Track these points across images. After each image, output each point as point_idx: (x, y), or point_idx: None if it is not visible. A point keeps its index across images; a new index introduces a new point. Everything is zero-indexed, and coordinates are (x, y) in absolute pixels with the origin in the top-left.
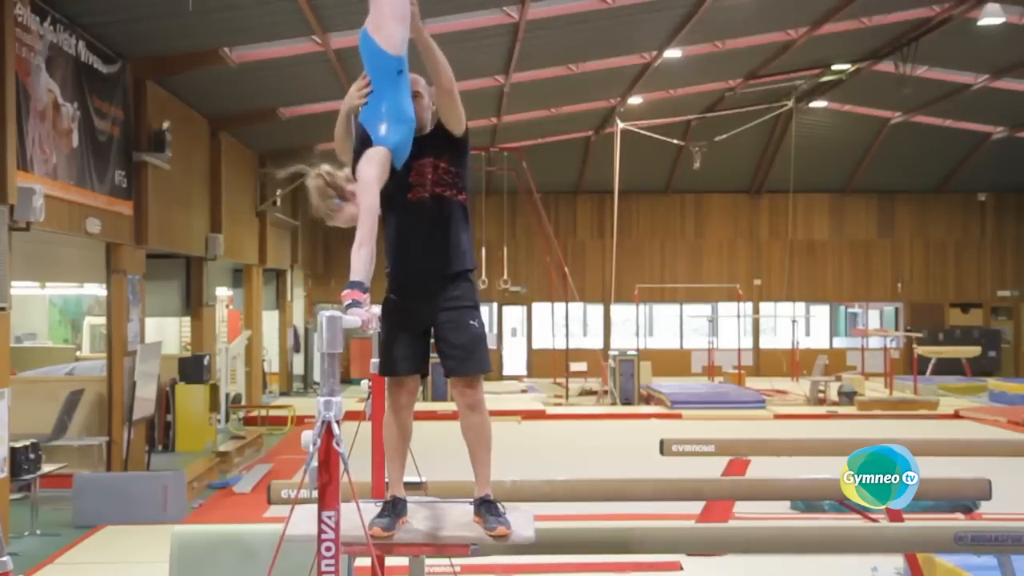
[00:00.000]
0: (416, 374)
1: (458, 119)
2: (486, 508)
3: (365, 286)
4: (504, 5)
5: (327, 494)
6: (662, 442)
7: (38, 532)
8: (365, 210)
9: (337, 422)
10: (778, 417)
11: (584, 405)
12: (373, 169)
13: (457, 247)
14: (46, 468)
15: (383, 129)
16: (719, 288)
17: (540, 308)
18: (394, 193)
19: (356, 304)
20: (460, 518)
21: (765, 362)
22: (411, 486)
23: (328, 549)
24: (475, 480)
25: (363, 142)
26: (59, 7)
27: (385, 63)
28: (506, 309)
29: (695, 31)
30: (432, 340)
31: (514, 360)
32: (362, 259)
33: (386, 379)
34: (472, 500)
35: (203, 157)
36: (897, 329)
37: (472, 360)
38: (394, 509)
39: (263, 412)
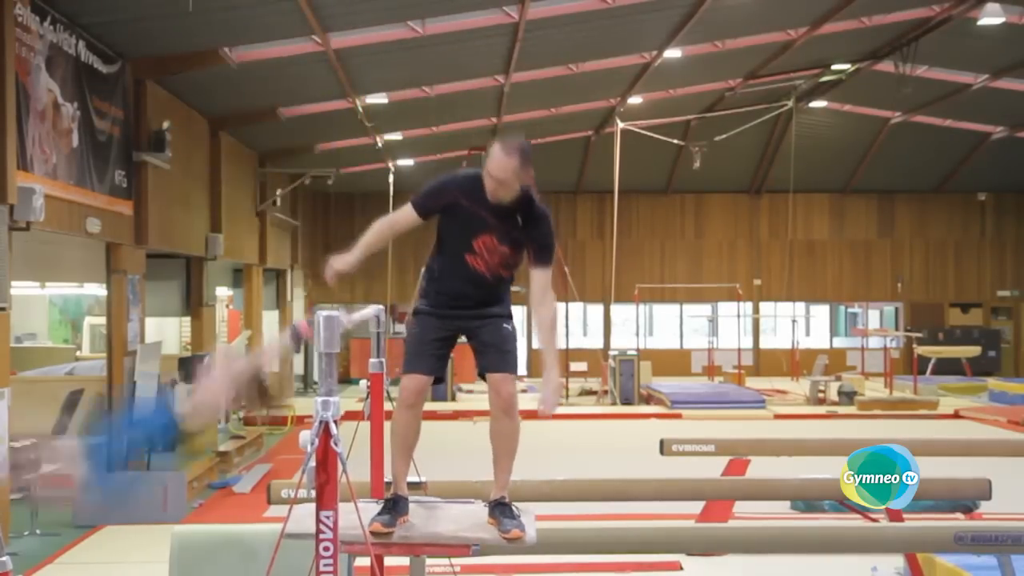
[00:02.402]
0: (433, 376)
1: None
2: (500, 510)
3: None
4: (504, 5)
5: (325, 494)
6: (662, 442)
7: (38, 532)
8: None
9: (335, 422)
10: (778, 417)
11: (584, 405)
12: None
13: (496, 308)
14: (46, 468)
15: None
16: (719, 288)
17: None
18: (453, 248)
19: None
20: (461, 518)
21: (765, 362)
22: (411, 486)
23: (326, 549)
24: (494, 481)
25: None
26: (59, 7)
27: None
28: None
29: (695, 31)
30: (462, 341)
31: None
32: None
33: (405, 377)
34: (487, 502)
35: (203, 157)
36: (897, 329)
37: (510, 356)
38: (395, 507)
39: (263, 412)
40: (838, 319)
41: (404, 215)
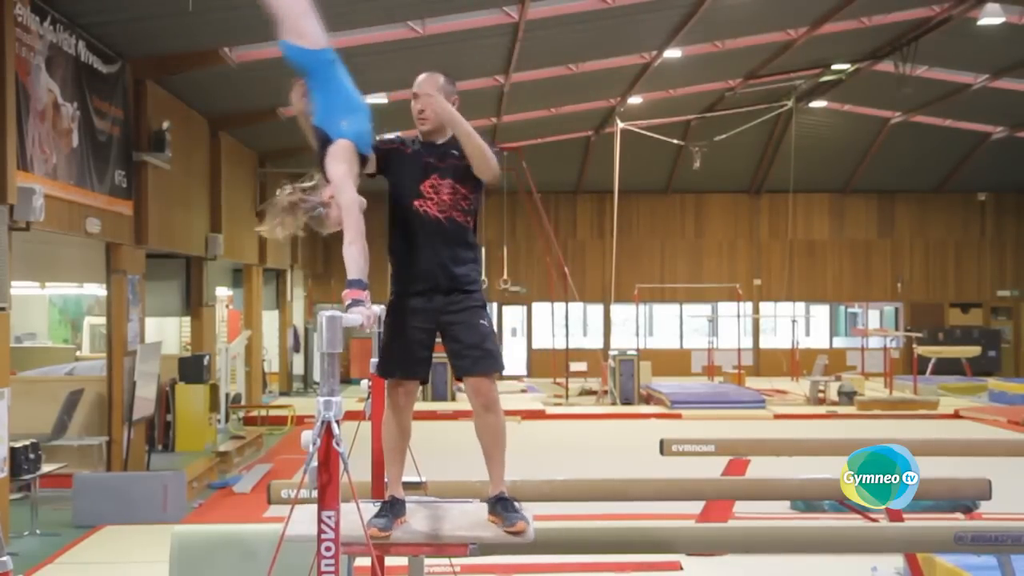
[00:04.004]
0: (416, 379)
1: (492, 176)
2: (502, 506)
3: (364, 283)
4: (504, 5)
5: (327, 494)
6: (662, 442)
7: (38, 532)
8: (346, 208)
9: (337, 422)
10: (778, 417)
11: (584, 405)
12: (341, 166)
13: (463, 269)
14: (46, 468)
15: (343, 124)
16: (719, 288)
17: (540, 308)
18: (401, 199)
19: (358, 303)
20: (459, 518)
21: (765, 362)
22: (411, 486)
23: (328, 549)
24: (489, 479)
25: (323, 143)
26: (59, 7)
27: (316, 60)
28: (506, 309)
29: (695, 31)
30: (439, 342)
31: (514, 360)
32: (355, 256)
33: (391, 383)
34: (485, 500)
35: (203, 157)
36: (897, 329)
37: (488, 359)
38: (392, 509)
39: (263, 412)
40: (838, 319)
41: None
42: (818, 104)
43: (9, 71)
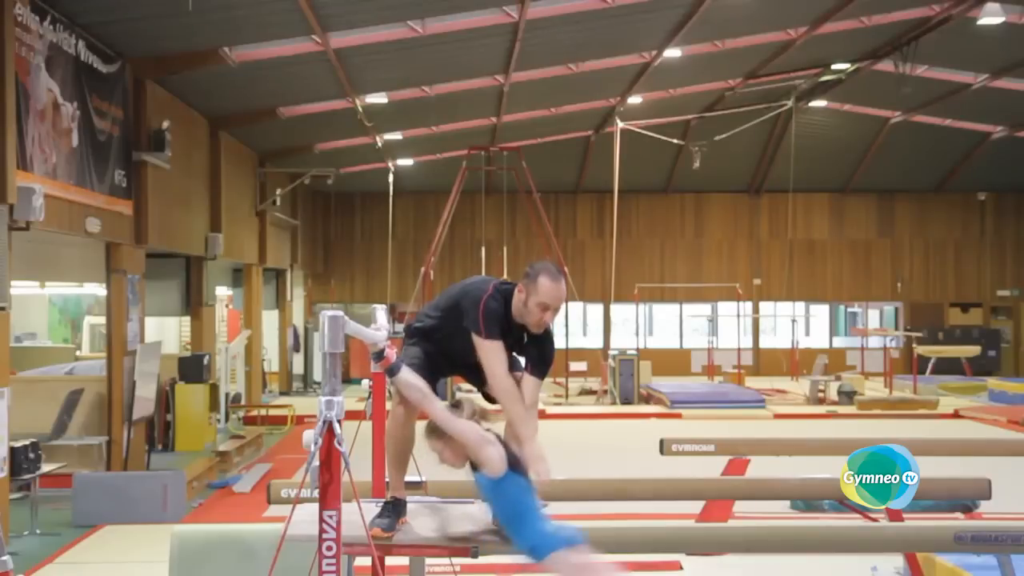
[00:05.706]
0: (433, 384)
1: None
2: None
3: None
4: (504, 5)
5: (328, 493)
6: (662, 442)
7: (38, 532)
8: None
9: (339, 421)
10: (778, 417)
11: (584, 405)
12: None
13: None
14: (46, 468)
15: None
16: (719, 288)
17: None
18: (469, 348)
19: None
20: (462, 519)
21: (765, 362)
22: (411, 486)
23: (329, 549)
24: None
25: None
26: (59, 6)
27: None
28: None
29: (695, 31)
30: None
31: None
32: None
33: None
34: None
35: (203, 157)
36: (897, 329)
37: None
38: (394, 509)
39: (263, 412)
40: (838, 319)
41: (503, 351)
42: (818, 104)
43: (9, 71)
